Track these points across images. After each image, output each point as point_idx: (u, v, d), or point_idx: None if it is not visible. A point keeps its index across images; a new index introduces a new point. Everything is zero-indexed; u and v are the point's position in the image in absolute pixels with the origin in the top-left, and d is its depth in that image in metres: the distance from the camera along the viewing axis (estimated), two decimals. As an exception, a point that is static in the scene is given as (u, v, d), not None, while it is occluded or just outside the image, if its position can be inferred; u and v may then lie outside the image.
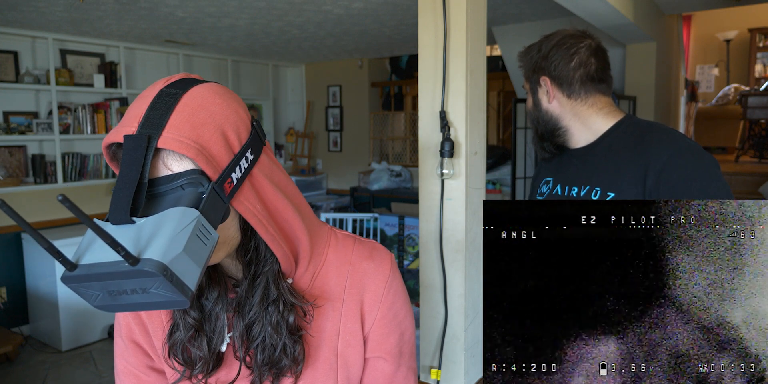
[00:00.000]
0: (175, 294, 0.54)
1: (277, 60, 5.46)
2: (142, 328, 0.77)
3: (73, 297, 3.49)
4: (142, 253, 0.52)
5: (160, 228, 0.54)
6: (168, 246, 0.53)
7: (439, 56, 1.67)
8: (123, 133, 0.58)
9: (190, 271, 0.55)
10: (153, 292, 0.54)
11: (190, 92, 0.61)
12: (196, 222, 0.56)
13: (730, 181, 4.78)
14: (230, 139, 0.61)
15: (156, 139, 0.57)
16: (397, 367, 0.81)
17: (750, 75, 7.01)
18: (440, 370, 1.77)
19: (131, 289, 0.54)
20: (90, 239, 0.56)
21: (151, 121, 0.58)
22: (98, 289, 0.55)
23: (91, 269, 0.53)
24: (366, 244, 0.80)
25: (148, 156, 0.56)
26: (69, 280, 0.54)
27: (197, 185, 0.58)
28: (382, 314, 0.78)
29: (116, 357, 0.80)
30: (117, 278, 0.53)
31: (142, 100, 0.61)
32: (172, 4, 2.94)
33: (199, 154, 0.57)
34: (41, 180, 3.79)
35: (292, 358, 0.70)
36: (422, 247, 1.79)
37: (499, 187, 4.51)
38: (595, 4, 2.43)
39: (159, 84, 0.62)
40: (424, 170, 1.77)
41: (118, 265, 0.52)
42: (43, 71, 3.81)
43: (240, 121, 0.63)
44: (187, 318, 0.70)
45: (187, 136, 0.58)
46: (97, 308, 0.58)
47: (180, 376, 0.73)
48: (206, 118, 0.60)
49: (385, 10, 3.17)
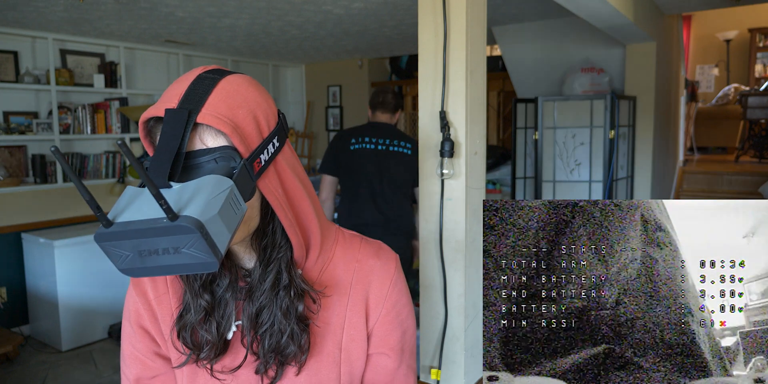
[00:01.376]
0: (207, 255, 0.56)
1: (277, 60, 5.45)
2: (150, 314, 0.78)
3: (73, 297, 3.49)
4: (181, 211, 0.55)
5: (198, 192, 0.57)
6: (205, 207, 0.56)
7: (439, 56, 1.67)
8: (164, 108, 0.62)
9: (221, 235, 0.58)
10: (185, 252, 0.56)
11: (227, 78, 0.66)
12: (230, 190, 0.59)
13: (730, 181, 4.78)
14: (261, 123, 0.66)
15: (196, 114, 0.61)
16: (399, 364, 0.83)
17: (750, 75, 7.00)
18: (440, 370, 1.77)
19: (163, 249, 0.56)
20: (128, 200, 0.59)
21: (191, 99, 0.62)
22: (129, 248, 0.56)
23: (128, 226, 0.55)
24: (372, 243, 0.83)
25: (188, 128, 0.60)
26: (102, 238, 0.56)
27: (230, 160, 0.62)
28: (386, 311, 0.80)
29: (123, 341, 0.82)
30: (153, 235, 0.55)
31: (181, 82, 0.65)
32: (172, 4, 2.94)
33: (234, 132, 0.61)
34: (41, 180, 3.79)
35: (298, 346, 0.72)
36: (422, 247, 1.79)
37: (499, 187, 4.51)
38: (595, 4, 2.43)
39: (197, 70, 0.67)
40: (424, 170, 1.77)
41: (156, 221, 0.54)
42: (43, 71, 3.81)
43: (269, 109, 0.68)
44: (200, 300, 0.72)
45: (224, 114, 0.62)
46: (122, 272, 0.59)
47: (186, 359, 0.74)
48: (241, 101, 0.64)
49: (385, 10, 3.17)
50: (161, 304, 0.77)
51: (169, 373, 0.80)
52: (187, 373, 0.77)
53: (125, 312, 0.81)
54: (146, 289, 0.78)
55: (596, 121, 3.30)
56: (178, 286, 0.77)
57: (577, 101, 3.37)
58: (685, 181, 5.01)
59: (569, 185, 3.43)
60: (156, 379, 0.80)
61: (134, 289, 0.79)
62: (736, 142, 6.35)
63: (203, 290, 0.72)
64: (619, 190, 3.48)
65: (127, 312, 0.80)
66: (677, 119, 5.24)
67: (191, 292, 0.72)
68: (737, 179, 4.76)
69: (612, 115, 3.25)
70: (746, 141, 5.76)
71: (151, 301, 0.78)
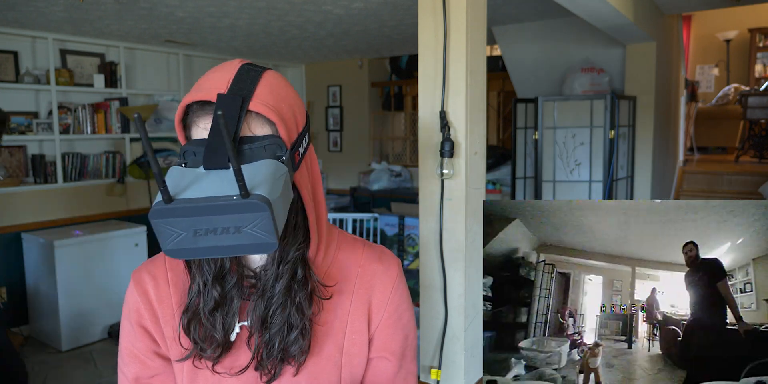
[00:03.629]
0: (269, 235, 0.56)
1: (277, 60, 5.45)
2: (151, 313, 0.77)
3: (73, 297, 3.49)
4: (253, 189, 0.55)
5: (258, 173, 0.58)
6: (272, 188, 0.57)
7: (439, 56, 1.66)
8: (214, 93, 0.62)
9: (281, 217, 0.59)
10: (247, 231, 0.56)
11: (269, 72, 0.68)
12: (286, 176, 0.61)
13: (730, 181, 4.78)
14: (298, 118, 0.68)
15: (248, 101, 0.62)
16: (399, 369, 0.82)
17: (750, 75, 7.00)
18: (440, 370, 1.77)
19: (223, 228, 0.56)
20: (181, 179, 0.58)
21: (241, 87, 0.64)
22: (184, 227, 0.56)
23: (191, 202, 0.55)
24: (375, 248, 0.83)
25: (242, 113, 0.62)
26: (160, 214, 0.55)
27: (276, 149, 0.63)
28: (388, 315, 0.80)
29: (122, 339, 0.81)
30: (220, 212, 0.55)
31: (223, 71, 0.66)
32: (172, 4, 2.94)
33: (281, 122, 0.64)
34: (41, 180, 3.79)
35: (300, 345, 0.72)
36: (422, 247, 1.79)
37: (499, 187, 4.51)
38: (595, 4, 2.43)
39: (234, 62, 0.68)
40: (424, 170, 1.77)
41: (226, 198, 0.55)
42: (43, 71, 3.81)
43: (302, 106, 0.71)
44: (213, 291, 0.71)
45: (272, 105, 0.64)
46: (167, 253, 0.58)
47: (188, 354, 0.74)
48: (284, 95, 0.67)
49: (385, 10, 3.17)
50: (162, 304, 0.77)
51: (168, 373, 0.80)
52: (187, 371, 0.76)
53: (125, 310, 0.80)
54: (148, 288, 0.77)
55: (596, 121, 3.30)
56: (180, 287, 0.77)
57: (577, 101, 3.37)
58: (685, 181, 5.00)
59: (569, 185, 3.43)
60: (155, 379, 0.80)
61: (135, 287, 0.78)
62: (736, 142, 6.34)
63: (215, 281, 0.72)
64: (619, 190, 3.48)
65: (127, 310, 0.80)
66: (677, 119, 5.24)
67: (202, 283, 0.72)
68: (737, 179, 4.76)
69: (612, 115, 3.25)
70: (746, 141, 5.76)
71: (153, 301, 0.77)
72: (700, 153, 6.62)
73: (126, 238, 3.79)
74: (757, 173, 4.73)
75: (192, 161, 0.63)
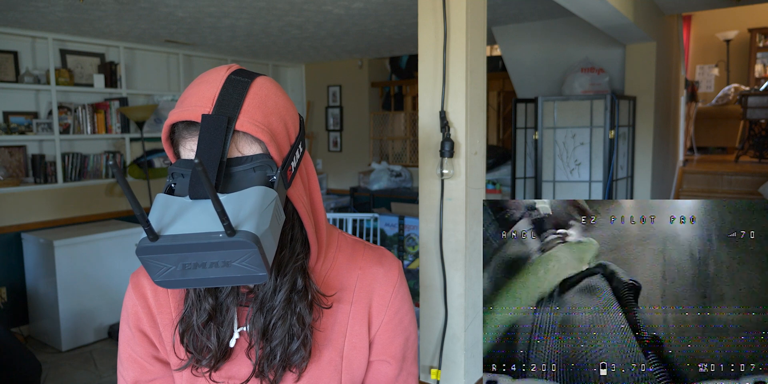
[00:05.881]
0: (259, 268, 0.55)
1: (277, 60, 5.45)
2: (150, 318, 0.77)
3: (73, 297, 3.49)
4: (239, 226, 0.53)
5: (245, 204, 0.56)
6: (259, 221, 0.54)
7: (439, 56, 1.66)
8: (198, 113, 0.59)
9: (270, 248, 0.57)
10: (236, 265, 0.55)
11: (257, 81, 0.64)
12: (276, 202, 0.58)
13: (730, 181, 4.78)
14: (290, 129, 0.65)
15: (234, 121, 0.59)
16: (399, 371, 0.82)
17: (750, 75, 7.00)
18: (440, 370, 1.77)
19: (212, 263, 0.54)
20: (166, 210, 0.56)
21: (226, 104, 0.60)
22: (173, 261, 0.55)
23: (176, 240, 0.53)
24: (376, 250, 0.82)
25: (228, 136, 0.58)
26: (146, 251, 0.54)
27: (266, 169, 0.60)
28: (389, 318, 0.79)
29: (121, 344, 0.80)
30: (206, 249, 0.53)
31: (208, 84, 0.62)
32: (172, 4, 2.94)
33: (271, 140, 0.60)
34: (41, 180, 3.79)
35: (301, 354, 0.71)
36: (422, 247, 1.79)
37: (499, 187, 4.51)
38: (595, 4, 2.43)
39: (221, 71, 0.64)
40: (424, 170, 1.77)
41: (211, 236, 0.53)
42: (43, 71, 3.81)
43: (295, 114, 0.67)
44: (205, 303, 0.70)
45: (260, 122, 0.60)
46: (158, 284, 0.57)
47: (186, 364, 0.73)
48: (273, 107, 0.63)
49: (385, 10, 3.17)
50: (161, 309, 0.76)
51: (168, 377, 0.79)
52: (187, 377, 0.76)
53: (124, 314, 0.80)
54: (146, 293, 0.77)
55: (596, 121, 3.31)
56: (177, 294, 0.76)
57: (577, 101, 3.37)
58: (685, 181, 5.01)
59: (569, 185, 3.43)
60: (154, 383, 0.79)
61: (134, 291, 0.77)
62: (736, 142, 6.35)
63: (207, 293, 0.71)
64: (619, 190, 3.48)
65: (125, 314, 0.79)
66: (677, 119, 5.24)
67: (195, 295, 0.71)
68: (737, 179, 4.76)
69: (612, 115, 3.25)
70: (746, 141, 5.76)
71: (151, 306, 0.76)
72: (700, 153, 6.62)
73: (126, 238, 3.79)
74: (757, 173, 4.73)
75: (180, 183, 0.61)
